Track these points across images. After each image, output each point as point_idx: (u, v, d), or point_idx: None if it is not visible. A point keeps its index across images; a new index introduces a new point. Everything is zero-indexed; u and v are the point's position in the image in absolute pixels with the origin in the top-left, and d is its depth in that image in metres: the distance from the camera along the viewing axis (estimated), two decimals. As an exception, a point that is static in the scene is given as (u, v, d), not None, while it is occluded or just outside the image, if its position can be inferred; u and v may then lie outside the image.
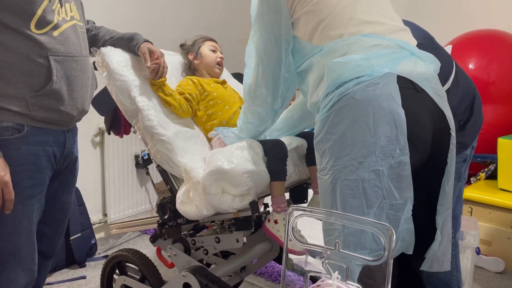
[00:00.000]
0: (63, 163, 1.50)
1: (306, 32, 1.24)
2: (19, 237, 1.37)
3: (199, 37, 1.93)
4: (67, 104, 1.39)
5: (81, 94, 1.44)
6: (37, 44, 1.30)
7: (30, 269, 1.41)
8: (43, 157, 1.39)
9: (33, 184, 1.37)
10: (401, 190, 1.13)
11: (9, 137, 1.31)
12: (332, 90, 1.15)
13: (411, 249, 1.19)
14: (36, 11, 1.29)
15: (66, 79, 1.37)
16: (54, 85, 1.33)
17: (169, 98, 1.65)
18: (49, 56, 1.32)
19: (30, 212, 1.38)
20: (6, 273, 1.37)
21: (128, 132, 1.86)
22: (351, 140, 1.11)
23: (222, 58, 1.89)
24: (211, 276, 1.54)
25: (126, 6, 3.01)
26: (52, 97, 1.35)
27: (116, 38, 1.67)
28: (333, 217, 0.98)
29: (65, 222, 1.63)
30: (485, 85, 2.83)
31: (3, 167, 1.28)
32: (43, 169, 1.40)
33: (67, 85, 1.38)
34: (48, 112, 1.36)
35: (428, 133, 1.18)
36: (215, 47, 1.90)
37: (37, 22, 1.29)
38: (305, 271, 0.90)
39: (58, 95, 1.36)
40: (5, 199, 1.29)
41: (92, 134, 2.88)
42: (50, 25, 1.33)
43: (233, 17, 3.72)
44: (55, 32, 1.34)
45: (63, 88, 1.37)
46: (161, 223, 1.67)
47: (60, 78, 1.35)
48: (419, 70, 1.17)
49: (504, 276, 2.46)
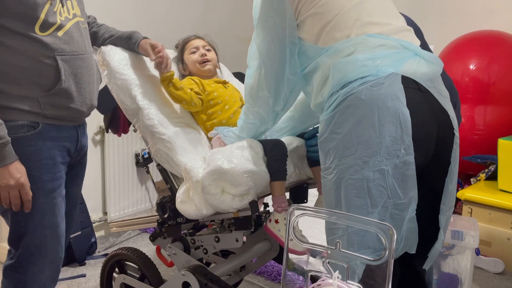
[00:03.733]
0: (77, 157, 1.55)
1: (312, 34, 1.24)
2: (44, 230, 1.41)
3: (179, 45, 1.86)
4: (76, 101, 1.43)
5: (88, 90, 1.47)
6: (43, 46, 1.34)
7: (55, 261, 1.46)
8: (59, 152, 1.43)
9: (52, 178, 1.41)
10: (405, 190, 1.13)
11: (26, 134, 1.35)
12: (337, 90, 1.16)
13: (414, 248, 1.20)
14: (39, 15, 1.32)
15: (74, 77, 1.41)
16: (63, 84, 1.37)
17: (181, 92, 1.64)
18: (56, 56, 1.35)
19: (53, 205, 1.42)
20: (32, 267, 1.42)
21: (127, 131, 1.86)
22: (356, 140, 1.12)
23: (204, 54, 1.80)
24: (210, 275, 1.53)
25: (128, 6, 3.01)
26: (62, 95, 1.39)
27: (116, 37, 1.67)
28: (334, 216, 0.98)
29: (73, 215, 1.65)
30: (485, 85, 2.84)
31: (20, 170, 1.32)
32: (60, 164, 1.44)
33: (75, 83, 1.41)
34: (59, 110, 1.40)
35: (432, 133, 1.18)
36: (195, 47, 1.82)
37: (41, 25, 1.33)
38: (306, 271, 0.90)
39: (68, 93, 1.40)
40: (23, 200, 1.34)
41: (92, 132, 2.87)
42: (53, 27, 1.36)
43: (236, 16, 3.72)
44: (59, 32, 1.37)
45: (72, 86, 1.40)
46: (161, 222, 1.67)
47: (68, 77, 1.39)
48: (422, 70, 1.18)
49: (503, 277, 2.46)
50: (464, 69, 2.87)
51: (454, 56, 2.94)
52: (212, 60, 1.82)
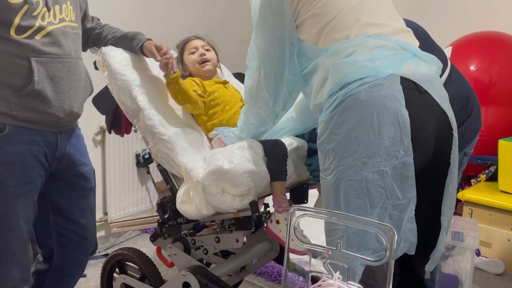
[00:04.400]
0: (58, 164, 1.52)
1: (311, 35, 1.24)
2: (9, 234, 1.41)
3: (179, 46, 1.86)
4: (52, 106, 1.41)
5: (68, 96, 1.45)
6: (18, 47, 1.33)
7: (23, 263, 1.46)
8: (30, 156, 1.40)
9: (18, 183, 1.39)
10: (404, 191, 1.13)
11: None
12: (336, 90, 1.16)
13: (413, 249, 1.19)
14: (13, 19, 1.31)
15: (50, 80, 1.39)
16: (36, 85, 1.35)
17: (187, 94, 1.62)
18: (31, 57, 1.34)
19: (17, 210, 1.41)
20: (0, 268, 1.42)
21: (129, 131, 1.86)
22: (355, 141, 1.12)
23: (203, 54, 1.80)
24: (210, 276, 1.54)
25: (129, 6, 3.01)
26: (35, 97, 1.37)
27: (118, 37, 1.67)
28: (335, 217, 0.98)
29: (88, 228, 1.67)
30: (486, 87, 2.83)
31: None
32: (31, 168, 1.41)
33: (51, 86, 1.39)
34: (31, 113, 1.37)
35: (431, 134, 1.18)
36: (194, 47, 1.82)
37: (16, 28, 1.32)
38: (307, 271, 0.90)
39: (42, 96, 1.38)
40: None
41: (93, 133, 2.88)
42: (31, 30, 1.35)
43: (236, 17, 3.72)
44: (37, 35, 1.36)
45: (47, 89, 1.38)
46: (161, 222, 1.67)
47: (43, 79, 1.37)
48: (421, 71, 1.18)
49: (503, 278, 2.46)
50: (464, 70, 2.86)
51: (454, 57, 2.93)
52: (211, 60, 1.81)
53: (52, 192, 1.57)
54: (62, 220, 1.61)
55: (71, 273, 1.69)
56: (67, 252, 1.65)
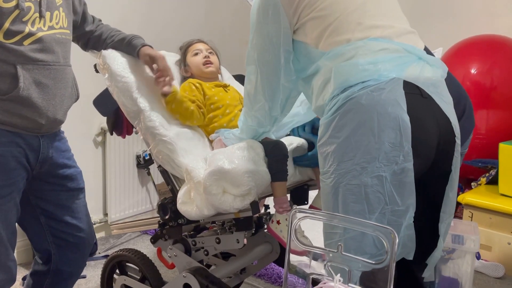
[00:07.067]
0: (42, 168, 1.51)
1: (312, 38, 1.22)
2: None
3: (182, 47, 1.88)
4: (35, 112, 1.40)
5: (53, 103, 1.45)
6: (4, 52, 1.32)
7: (6, 265, 1.44)
8: (12, 158, 1.40)
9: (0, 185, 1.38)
10: (403, 197, 1.12)
11: None
12: (337, 93, 1.14)
13: (411, 255, 1.19)
14: (3, 24, 1.31)
15: (36, 86, 1.38)
16: (21, 91, 1.35)
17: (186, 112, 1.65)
18: (17, 63, 1.34)
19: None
20: None
21: (131, 133, 1.86)
22: (355, 145, 1.11)
23: (207, 56, 1.81)
24: (211, 277, 1.54)
25: (131, 8, 3.01)
26: (19, 103, 1.36)
27: (116, 41, 1.67)
28: (336, 219, 0.98)
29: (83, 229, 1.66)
30: (487, 90, 2.83)
31: None
32: (12, 170, 1.40)
33: (37, 92, 1.39)
34: (12, 117, 1.37)
35: (432, 140, 1.16)
36: (197, 49, 1.83)
37: (5, 33, 1.32)
38: (307, 274, 0.90)
39: (26, 102, 1.37)
40: None
41: (94, 134, 2.88)
42: (20, 35, 1.34)
43: (237, 18, 3.73)
44: (26, 41, 1.35)
45: (33, 95, 1.38)
46: (162, 224, 1.67)
47: (28, 86, 1.36)
48: (426, 75, 1.16)
49: (503, 281, 2.46)
50: (465, 73, 2.87)
51: (455, 60, 2.94)
52: (214, 63, 1.83)
53: (39, 196, 1.57)
54: (55, 223, 1.60)
55: (69, 274, 1.69)
56: (65, 254, 1.64)
